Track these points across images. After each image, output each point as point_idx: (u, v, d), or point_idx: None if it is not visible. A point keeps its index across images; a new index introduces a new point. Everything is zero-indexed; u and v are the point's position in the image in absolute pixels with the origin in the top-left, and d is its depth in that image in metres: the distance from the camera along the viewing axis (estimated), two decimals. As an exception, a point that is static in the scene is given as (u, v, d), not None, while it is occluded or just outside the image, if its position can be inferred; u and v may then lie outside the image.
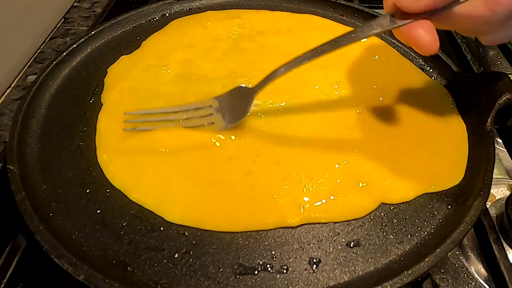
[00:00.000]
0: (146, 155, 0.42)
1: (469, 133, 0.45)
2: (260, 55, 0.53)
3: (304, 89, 0.49)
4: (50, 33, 0.71)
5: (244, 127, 0.44)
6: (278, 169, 0.41)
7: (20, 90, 0.61)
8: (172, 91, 0.48)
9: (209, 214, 0.37)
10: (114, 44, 0.56)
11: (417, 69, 0.53)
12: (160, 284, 0.33)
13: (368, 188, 0.39)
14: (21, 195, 0.36)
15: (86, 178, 0.40)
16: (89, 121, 0.45)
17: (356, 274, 0.34)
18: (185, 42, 0.55)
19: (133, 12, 0.59)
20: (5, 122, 0.55)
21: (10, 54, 0.62)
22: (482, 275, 0.42)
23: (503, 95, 0.41)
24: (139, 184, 0.39)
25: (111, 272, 0.33)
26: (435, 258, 0.33)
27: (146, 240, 0.36)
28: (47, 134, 0.44)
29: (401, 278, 0.32)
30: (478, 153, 0.42)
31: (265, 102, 0.47)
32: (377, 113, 0.47)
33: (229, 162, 0.41)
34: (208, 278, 0.34)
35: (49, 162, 0.41)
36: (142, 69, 0.51)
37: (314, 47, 0.40)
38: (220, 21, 0.59)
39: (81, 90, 0.49)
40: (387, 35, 0.58)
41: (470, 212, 0.36)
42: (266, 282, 0.33)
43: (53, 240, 0.33)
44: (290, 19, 0.60)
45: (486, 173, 0.40)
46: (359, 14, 0.61)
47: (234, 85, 0.47)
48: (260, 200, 0.38)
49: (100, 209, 0.38)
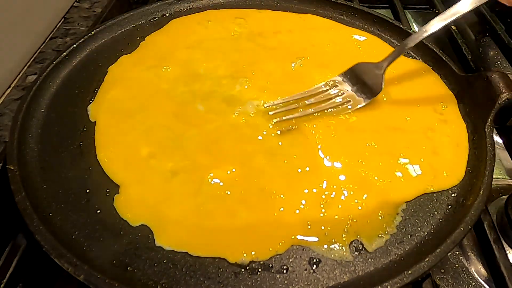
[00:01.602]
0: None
1: (469, 133, 0.45)
2: (260, 55, 0.53)
3: (303, 89, 0.49)
4: (50, 33, 0.71)
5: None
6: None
7: (20, 90, 0.61)
8: (173, 91, 0.48)
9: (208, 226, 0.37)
10: (114, 44, 0.56)
11: (417, 69, 0.53)
12: (160, 284, 0.33)
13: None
14: (21, 195, 0.36)
15: (86, 178, 0.40)
16: (89, 121, 0.45)
17: (356, 274, 0.34)
18: (186, 42, 0.55)
19: (133, 12, 0.59)
20: (5, 122, 0.55)
21: (10, 54, 0.62)
22: (482, 275, 0.42)
23: (503, 95, 0.41)
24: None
25: (111, 272, 0.33)
26: (435, 258, 0.33)
27: (146, 240, 0.36)
28: (47, 134, 0.44)
29: (401, 278, 0.32)
30: (478, 153, 0.42)
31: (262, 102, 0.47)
32: (377, 113, 0.47)
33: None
34: (208, 278, 0.34)
35: (49, 162, 0.41)
36: (143, 69, 0.51)
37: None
38: (221, 21, 0.59)
39: (81, 90, 0.49)
40: (387, 35, 0.58)
41: (470, 212, 0.36)
42: (266, 282, 0.33)
43: (53, 240, 0.33)
44: (290, 19, 0.60)
45: (486, 173, 0.39)
46: (359, 14, 0.61)
47: (234, 85, 0.47)
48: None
49: (100, 209, 0.38)
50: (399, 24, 0.59)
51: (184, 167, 0.41)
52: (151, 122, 0.45)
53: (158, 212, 0.37)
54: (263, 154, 0.42)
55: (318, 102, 0.46)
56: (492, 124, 0.43)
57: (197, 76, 0.50)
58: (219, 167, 0.41)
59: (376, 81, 0.45)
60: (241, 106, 0.46)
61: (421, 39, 0.46)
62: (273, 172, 0.41)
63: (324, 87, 0.48)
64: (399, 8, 0.67)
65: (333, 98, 0.47)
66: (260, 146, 0.43)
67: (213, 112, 0.46)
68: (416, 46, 0.55)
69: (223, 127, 0.44)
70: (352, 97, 0.47)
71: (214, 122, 0.45)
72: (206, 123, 0.45)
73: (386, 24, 0.59)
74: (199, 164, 0.41)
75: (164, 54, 0.53)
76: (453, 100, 0.49)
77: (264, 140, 0.43)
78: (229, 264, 0.34)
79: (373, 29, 0.59)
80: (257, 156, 0.42)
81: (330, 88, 0.48)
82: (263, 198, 0.38)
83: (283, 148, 0.43)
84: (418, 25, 0.79)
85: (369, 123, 0.46)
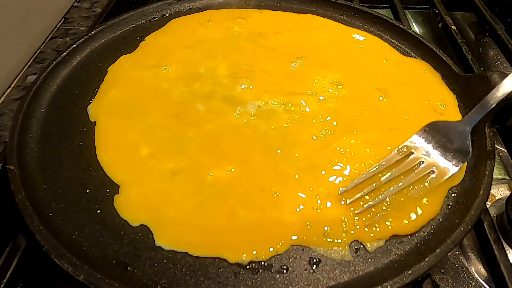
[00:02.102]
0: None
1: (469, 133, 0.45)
2: (260, 55, 0.53)
3: (304, 89, 0.49)
4: (50, 33, 0.71)
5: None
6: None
7: (20, 90, 0.61)
8: (173, 91, 0.48)
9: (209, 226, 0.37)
10: (114, 44, 0.56)
11: (417, 69, 0.53)
12: (160, 284, 0.33)
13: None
14: (21, 195, 0.36)
15: (86, 178, 0.40)
16: (89, 121, 0.45)
17: (356, 274, 0.34)
18: (186, 42, 0.55)
19: (133, 12, 0.59)
20: (5, 122, 0.55)
21: (10, 54, 0.62)
22: (482, 275, 0.42)
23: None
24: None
25: (111, 272, 0.33)
26: (435, 258, 0.33)
27: (146, 240, 0.36)
28: (47, 134, 0.44)
29: (401, 278, 0.32)
30: (478, 153, 0.42)
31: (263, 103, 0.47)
32: (377, 113, 0.47)
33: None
34: (208, 278, 0.34)
35: (49, 162, 0.41)
36: (143, 69, 0.51)
37: None
38: (221, 21, 0.59)
39: (81, 90, 0.49)
40: (387, 35, 0.58)
41: (470, 212, 0.36)
42: (266, 282, 0.33)
43: (53, 240, 0.33)
44: (290, 19, 0.60)
45: (486, 173, 0.39)
46: (359, 14, 0.61)
47: (235, 85, 0.47)
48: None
49: (100, 209, 0.38)
50: (399, 24, 0.59)
51: (184, 167, 0.41)
52: (151, 122, 0.45)
53: (158, 212, 0.37)
54: (263, 154, 0.42)
55: (397, 177, 0.39)
56: (492, 124, 0.43)
57: (197, 76, 0.50)
58: (219, 167, 0.41)
59: (461, 141, 0.38)
60: (241, 106, 0.46)
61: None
62: (273, 172, 0.41)
63: (398, 154, 0.40)
64: (399, 8, 0.67)
65: (413, 170, 0.39)
66: (260, 146, 0.43)
67: (213, 112, 0.46)
68: (416, 46, 0.56)
69: (223, 127, 0.44)
70: (434, 165, 0.39)
71: (214, 122, 0.45)
72: (206, 123, 0.45)
73: (386, 24, 0.59)
74: (199, 164, 0.41)
75: (164, 54, 0.53)
76: (453, 100, 0.49)
77: (264, 140, 0.43)
78: (229, 264, 0.34)
79: (373, 29, 0.60)
80: (257, 156, 0.42)
81: (406, 155, 0.40)
82: (263, 198, 0.38)
83: (283, 148, 0.43)
84: (418, 25, 0.79)
85: (369, 123, 0.45)
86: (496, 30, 0.63)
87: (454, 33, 0.62)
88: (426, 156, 0.39)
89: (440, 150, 0.39)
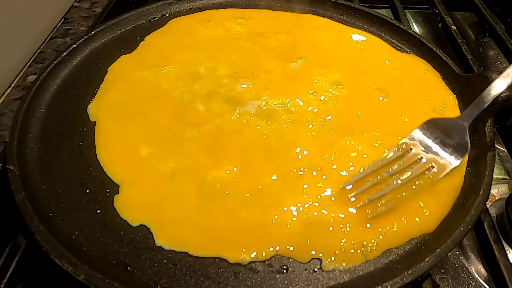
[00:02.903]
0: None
1: (469, 133, 0.45)
2: (260, 55, 0.53)
3: (304, 89, 0.49)
4: (50, 33, 0.71)
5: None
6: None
7: (20, 90, 0.61)
8: (173, 91, 0.48)
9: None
10: (114, 44, 0.56)
11: (417, 69, 0.53)
12: (160, 284, 0.33)
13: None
14: (21, 195, 0.36)
15: (86, 178, 0.40)
16: (89, 121, 0.45)
17: (356, 274, 0.34)
18: (186, 42, 0.55)
19: (133, 12, 0.59)
20: (5, 122, 0.55)
21: (10, 54, 0.62)
22: (482, 275, 0.42)
23: (503, 95, 0.41)
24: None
25: (111, 272, 0.33)
26: (435, 258, 0.33)
27: (146, 240, 0.36)
28: (47, 134, 0.44)
29: (401, 278, 0.32)
30: (478, 153, 0.42)
31: (263, 103, 0.47)
32: (377, 113, 0.47)
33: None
34: (208, 278, 0.34)
35: (49, 162, 0.41)
36: (143, 69, 0.51)
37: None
38: (221, 20, 0.59)
39: (81, 90, 0.49)
40: (387, 35, 0.58)
41: (470, 212, 0.36)
42: (266, 282, 0.33)
43: (53, 240, 0.33)
44: (290, 19, 0.60)
45: (486, 173, 0.39)
46: (359, 14, 0.61)
47: (235, 85, 0.47)
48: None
49: (100, 209, 0.38)
50: (399, 24, 0.59)
51: (184, 167, 0.41)
52: (151, 122, 0.45)
53: (158, 212, 0.37)
54: (263, 154, 0.42)
55: (400, 171, 0.39)
56: (492, 124, 0.43)
57: (198, 76, 0.50)
58: (219, 167, 0.41)
59: (460, 138, 0.39)
60: (241, 106, 0.46)
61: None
62: (273, 172, 0.40)
63: (398, 151, 0.40)
64: (399, 8, 0.67)
65: (413, 166, 0.39)
66: (260, 146, 0.43)
67: (213, 112, 0.46)
68: (416, 46, 0.56)
69: (223, 127, 0.44)
70: (434, 160, 0.39)
71: (214, 122, 0.45)
72: (206, 123, 0.45)
73: (386, 24, 0.59)
74: (199, 164, 0.41)
75: (164, 54, 0.53)
76: (453, 100, 0.49)
77: (264, 140, 0.43)
78: (229, 264, 0.34)
79: (373, 29, 0.60)
80: (257, 156, 0.42)
81: (405, 152, 0.40)
82: (263, 198, 0.38)
83: (283, 148, 0.43)
84: (418, 25, 0.79)
85: (369, 123, 0.45)
86: (496, 30, 0.63)
87: (454, 33, 0.62)
88: (425, 152, 0.40)
89: (440, 146, 0.40)
